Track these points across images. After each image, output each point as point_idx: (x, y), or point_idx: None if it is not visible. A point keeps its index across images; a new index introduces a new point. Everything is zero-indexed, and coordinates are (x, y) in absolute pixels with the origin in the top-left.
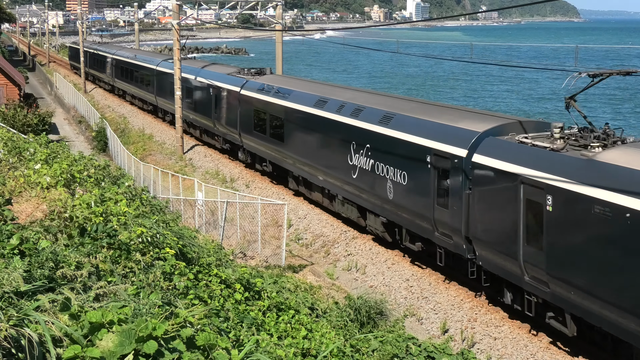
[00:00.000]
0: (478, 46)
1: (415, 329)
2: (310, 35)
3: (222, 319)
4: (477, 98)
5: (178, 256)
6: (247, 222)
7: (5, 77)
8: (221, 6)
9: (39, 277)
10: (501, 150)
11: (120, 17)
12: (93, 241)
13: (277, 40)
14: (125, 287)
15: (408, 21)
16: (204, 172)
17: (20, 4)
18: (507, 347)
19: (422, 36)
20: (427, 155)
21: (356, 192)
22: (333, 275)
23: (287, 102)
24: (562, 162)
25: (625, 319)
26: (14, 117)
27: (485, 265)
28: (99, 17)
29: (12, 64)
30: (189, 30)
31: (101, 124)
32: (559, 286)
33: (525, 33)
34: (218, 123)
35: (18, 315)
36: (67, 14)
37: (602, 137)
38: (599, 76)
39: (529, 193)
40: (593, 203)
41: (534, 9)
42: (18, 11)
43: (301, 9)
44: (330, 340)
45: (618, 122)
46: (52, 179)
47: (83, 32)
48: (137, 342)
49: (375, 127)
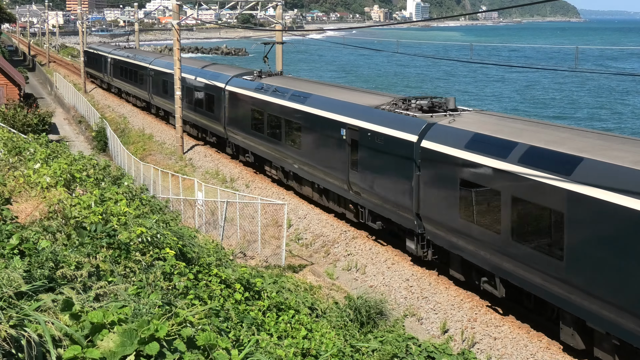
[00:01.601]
0: (478, 46)
1: (415, 329)
2: (309, 34)
3: (222, 319)
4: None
5: (178, 256)
6: (247, 222)
7: (5, 77)
8: (221, 6)
9: (39, 277)
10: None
11: (120, 17)
12: (93, 241)
13: (277, 40)
14: (125, 287)
15: (408, 21)
16: (204, 172)
17: (20, 4)
18: (507, 347)
19: (419, 36)
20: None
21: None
22: (333, 275)
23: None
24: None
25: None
26: (14, 117)
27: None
28: (99, 17)
29: (12, 64)
30: (188, 30)
31: (101, 124)
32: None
33: (524, 33)
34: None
35: (18, 315)
36: (67, 14)
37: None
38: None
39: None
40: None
41: (534, 9)
42: (18, 11)
43: (301, 9)
44: (330, 340)
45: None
46: (52, 179)
47: (83, 32)
48: (139, 343)
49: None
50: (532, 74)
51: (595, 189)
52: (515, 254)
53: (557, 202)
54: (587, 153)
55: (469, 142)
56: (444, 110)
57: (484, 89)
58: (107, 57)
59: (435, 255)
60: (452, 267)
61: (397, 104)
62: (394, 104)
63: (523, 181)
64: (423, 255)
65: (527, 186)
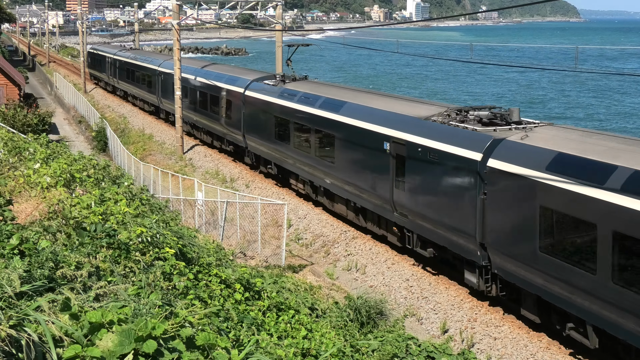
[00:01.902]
0: (478, 46)
1: (415, 329)
2: (309, 34)
3: (222, 319)
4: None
5: (178, 256)
6: (247, 222)
7: (5, 77)
8: (221, 6)
9: (39, 277)
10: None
11: (120, 17)
12: (93, 241)
13: (277, 40)
14: (125, 287)
15: (408, 21)
16: (204, 172)
17: (20, 4)
18: (507, 347)
19: (419, 36)
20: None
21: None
22: (333, 275)
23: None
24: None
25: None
26: (14, 117)
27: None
28: (99, 17)
29: (12, 64)
30: (188, 30)
31: (101, 124)
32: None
33: (524, 33)
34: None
35: (18, 315)
36: (67, 14)
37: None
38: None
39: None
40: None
41: (534, 9)
42: (18, 11)
43: (301, 9)
44: (330, 340)
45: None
46: (52, 179)
47: (83, 32)
48: (136, 342)
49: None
50: (532, 73)
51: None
52: (616, 300)
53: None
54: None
55: (552, 163)
56: (506, 122)
57: (484, 89)
58: (112, 58)
59: (502, 292)
60: (524, 306)
61: (451, 115)
62: (447, 115)
63: (628, 214)
64: (486, 290)
65: (634, 220)
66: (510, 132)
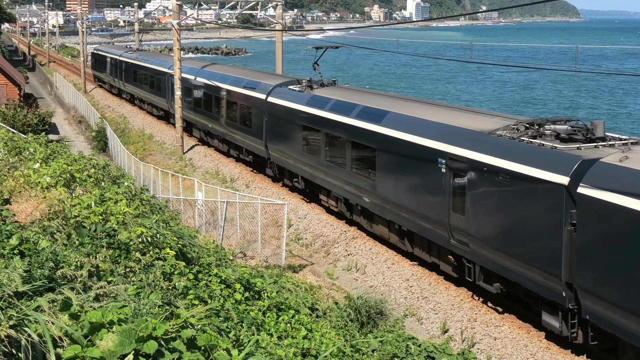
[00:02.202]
0: (478, 46)
1: (415, 329)
2: (309, 34)
3: (222, 319)
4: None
5: (178, 256)
6: (247, 222)
7: (5, 77)
8: (221, 6)
9: (39, 277)
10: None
11: (120, 17)
12: (93, 241)
13: (277, 40)
14: (125, 287)
15: (408, 21)
16: (204, 172)
17: (20, 4)
18: (507, 347)
19: (419, 36)
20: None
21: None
22: (333, 275)
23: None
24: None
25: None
26: (14, 117)
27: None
28: (99, 17)
29: (12, 64)
30: (188, 30)
31: (101, 124)
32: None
33: (524, 33)
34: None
35: (18, 315)
36: (67, 14)
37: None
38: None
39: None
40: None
41: (534, 9)
42: (18, 11)
43: (301, 9)
44: (330, 340)
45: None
46: (52, 179)
47: (83, 32)
48: (137, 342)
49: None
50: (532, 73)
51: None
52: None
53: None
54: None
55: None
56: (588, 138)
57: (484, 89)
58: (117, 60)
59: (594, 341)
60: (622, 359)
61: (520, 129)
62: (516, 129)
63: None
64: (571, 336)
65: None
66: (600, 151)
